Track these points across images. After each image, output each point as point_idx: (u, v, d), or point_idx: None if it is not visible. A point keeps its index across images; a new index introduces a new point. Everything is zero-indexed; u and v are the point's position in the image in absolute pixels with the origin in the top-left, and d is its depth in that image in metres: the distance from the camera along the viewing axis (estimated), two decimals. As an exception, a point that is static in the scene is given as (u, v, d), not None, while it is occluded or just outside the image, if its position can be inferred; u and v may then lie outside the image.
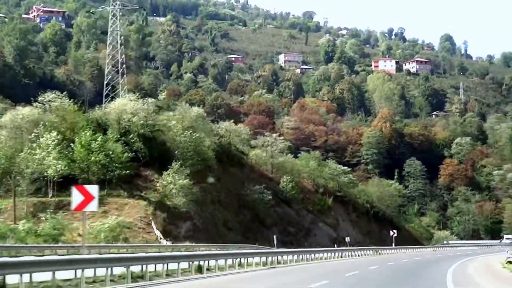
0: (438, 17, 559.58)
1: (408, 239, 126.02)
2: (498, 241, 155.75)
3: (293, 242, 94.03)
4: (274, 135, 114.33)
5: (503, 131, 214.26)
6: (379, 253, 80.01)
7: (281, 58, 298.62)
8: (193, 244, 64.91)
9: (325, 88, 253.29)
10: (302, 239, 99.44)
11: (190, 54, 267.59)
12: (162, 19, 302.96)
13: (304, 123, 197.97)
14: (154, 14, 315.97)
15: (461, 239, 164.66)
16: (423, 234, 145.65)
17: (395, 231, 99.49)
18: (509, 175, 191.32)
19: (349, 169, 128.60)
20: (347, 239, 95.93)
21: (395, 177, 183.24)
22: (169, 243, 64.99)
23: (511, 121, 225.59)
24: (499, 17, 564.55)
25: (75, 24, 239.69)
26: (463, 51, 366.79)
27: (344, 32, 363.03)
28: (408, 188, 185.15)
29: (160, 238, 67.75)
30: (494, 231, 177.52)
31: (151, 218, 71.05)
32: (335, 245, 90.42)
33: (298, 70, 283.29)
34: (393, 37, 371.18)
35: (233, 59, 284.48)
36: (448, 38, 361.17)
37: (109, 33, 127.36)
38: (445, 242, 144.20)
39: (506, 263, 43.44)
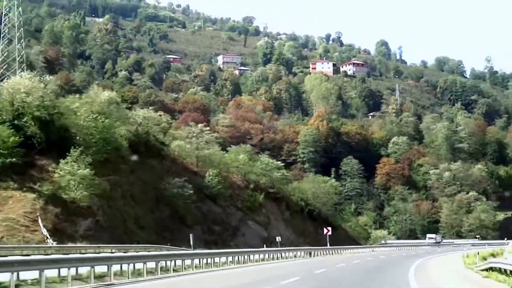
0: (374, 25, 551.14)
1: (345, 239, 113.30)
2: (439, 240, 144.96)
3: (218, 242, 79.90)
4: (200, 125, 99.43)
5: (439, 130, 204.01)
6: (312, 255, 66.38)
7: (220, 59, 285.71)
8: (79, 245, 50.26)
9: (262, 88, 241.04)
10: (229, 238, 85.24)
11: (126, 53, 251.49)
12: (101, 19, 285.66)
13: (240, 121, 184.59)
14: (93, 15, 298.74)
15: (398, 238, 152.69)
16: (360, 233, 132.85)
17: (329, 228, 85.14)
18: (446, 174, 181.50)
19: (283, 163, 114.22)
20: (278, 238, 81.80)
21: (332, 176, 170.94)
22: (54, 244, 50.34)
23: (447, 121, 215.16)
24: (431, 24, 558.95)
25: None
26: (398, 57, 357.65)
27: (283, 36, 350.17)
28: (345, 187, 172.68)
29: (47, 238, 52.93)
30: (430, 231, 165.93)
31: (38, 214, 55.97)
32: (264, 246, 76.61)
33: (237, 71, 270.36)
34: (330, 42, 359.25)
35: (171, 59, 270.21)
36: (384, 44, 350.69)
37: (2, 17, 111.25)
38: (383, 241, 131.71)
39: (486, 271, 29.64)
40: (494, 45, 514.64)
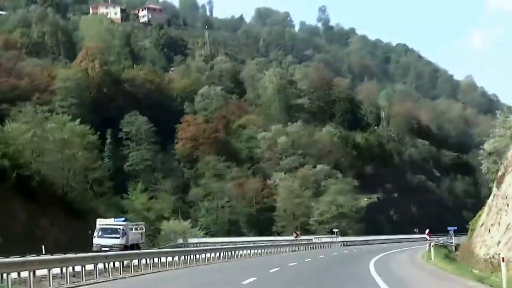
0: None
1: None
2: (292, 237, 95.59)
3: None
4: None
5: (268, 80, 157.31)
6: None
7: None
8: None
9: (18, 31, 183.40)
10: None
11: None
12: None
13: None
14: None
15: (212, 235, 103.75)
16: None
17: None
18: (281, 139, 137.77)
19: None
20: None
21: (108, 141, 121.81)
22: None
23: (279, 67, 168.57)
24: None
25: None
26: (208, 12, 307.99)
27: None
28: (128, 158, 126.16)
29: None
30: (262, 223, 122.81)
31: None
32: None
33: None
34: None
35: None
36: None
37: None
38: (180, 241, 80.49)
39: None
40: None
